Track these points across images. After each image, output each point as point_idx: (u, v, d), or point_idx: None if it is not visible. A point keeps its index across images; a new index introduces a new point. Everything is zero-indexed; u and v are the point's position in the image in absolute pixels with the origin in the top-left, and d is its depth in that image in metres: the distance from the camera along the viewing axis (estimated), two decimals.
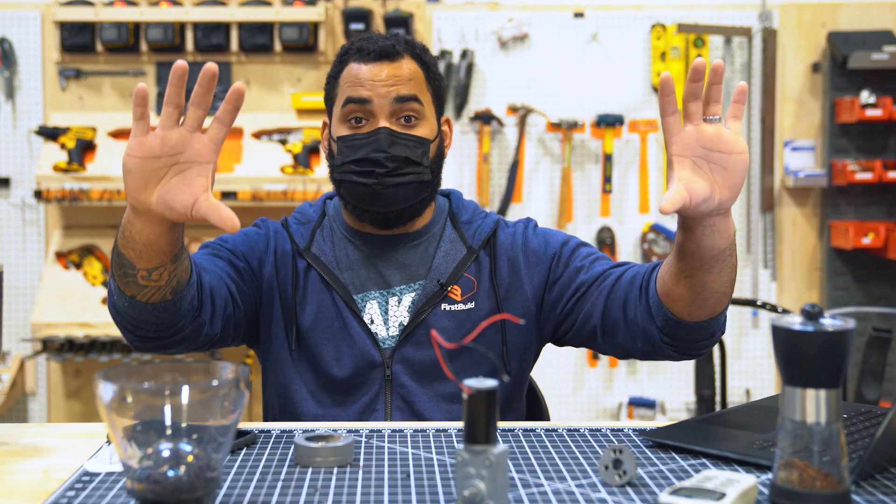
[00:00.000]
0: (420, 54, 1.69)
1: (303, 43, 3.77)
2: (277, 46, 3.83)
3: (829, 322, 1.05)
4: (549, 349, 1.82)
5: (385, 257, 1.68)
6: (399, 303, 1.66)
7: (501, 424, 1.45)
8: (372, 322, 1.65)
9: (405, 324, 1.65)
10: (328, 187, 3.63)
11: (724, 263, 1.44)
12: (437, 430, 1.41)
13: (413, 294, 1.66)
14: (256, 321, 1.69)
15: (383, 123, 1.63)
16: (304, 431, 1.39)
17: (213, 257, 1.64)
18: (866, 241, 3.76)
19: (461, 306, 1.65)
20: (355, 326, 1.64)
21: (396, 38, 1.68)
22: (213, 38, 3.77)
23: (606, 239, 3.95)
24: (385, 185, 1.61)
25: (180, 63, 1.23)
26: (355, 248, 1.70)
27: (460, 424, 1.44)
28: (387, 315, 1.66)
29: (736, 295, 3.98)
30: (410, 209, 1.67)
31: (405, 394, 1.64)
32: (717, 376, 3.32)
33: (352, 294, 1.66)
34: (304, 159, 3.70)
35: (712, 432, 1.34)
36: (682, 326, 1.50)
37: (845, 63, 3.81)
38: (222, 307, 1.57)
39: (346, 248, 1.70)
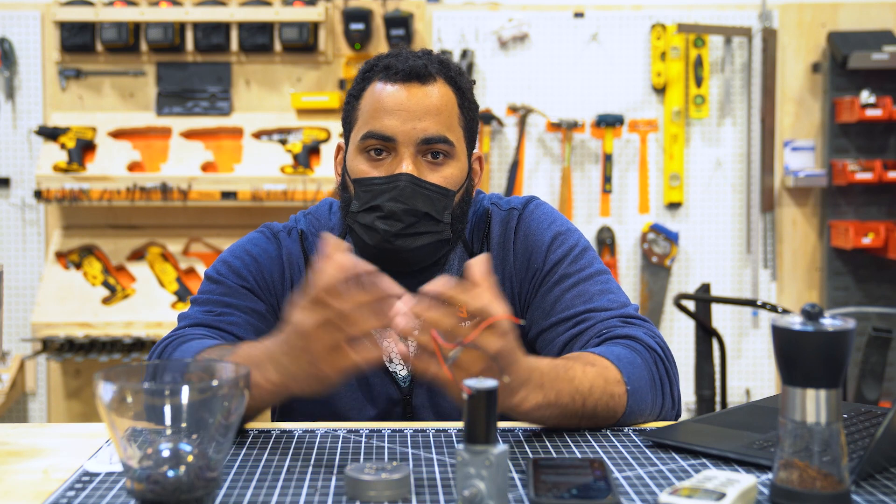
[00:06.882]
0: (455, 78, 1.51)
1: (303, 43, 3.77)
2: (277, 46, 3.83)
3: (829, 322, 1.05)
4: None
5: None
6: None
7: (501, 424, 1.45)
8: (391, 361, 1.54)
9: None
10: (328, 187, 3.63)
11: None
12: (437, 430, 1.41)
13: None
14: None
15: (406, 163, 1.46)
16: (352, 463, 1.17)
17: (247, 323, 1.50)
18: (866, 241, 3.76)
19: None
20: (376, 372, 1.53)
21: (429, 58, 1.50)
22: (213, 38, 3.77)
23: (606, 239, 3.94)
24: (399, 248, 1.46)
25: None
26: None
27: (460, 424, 1.43)
28: None
29: (736, 295, 3.99)
30: (429, 267, 1.53)
31: None
32: (717, 376, 3.32)
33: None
34: (304, 159, 3.70)
35: (712, 432, 1.34)
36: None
37: (845, 63, 3.81)
38: None
39: None
